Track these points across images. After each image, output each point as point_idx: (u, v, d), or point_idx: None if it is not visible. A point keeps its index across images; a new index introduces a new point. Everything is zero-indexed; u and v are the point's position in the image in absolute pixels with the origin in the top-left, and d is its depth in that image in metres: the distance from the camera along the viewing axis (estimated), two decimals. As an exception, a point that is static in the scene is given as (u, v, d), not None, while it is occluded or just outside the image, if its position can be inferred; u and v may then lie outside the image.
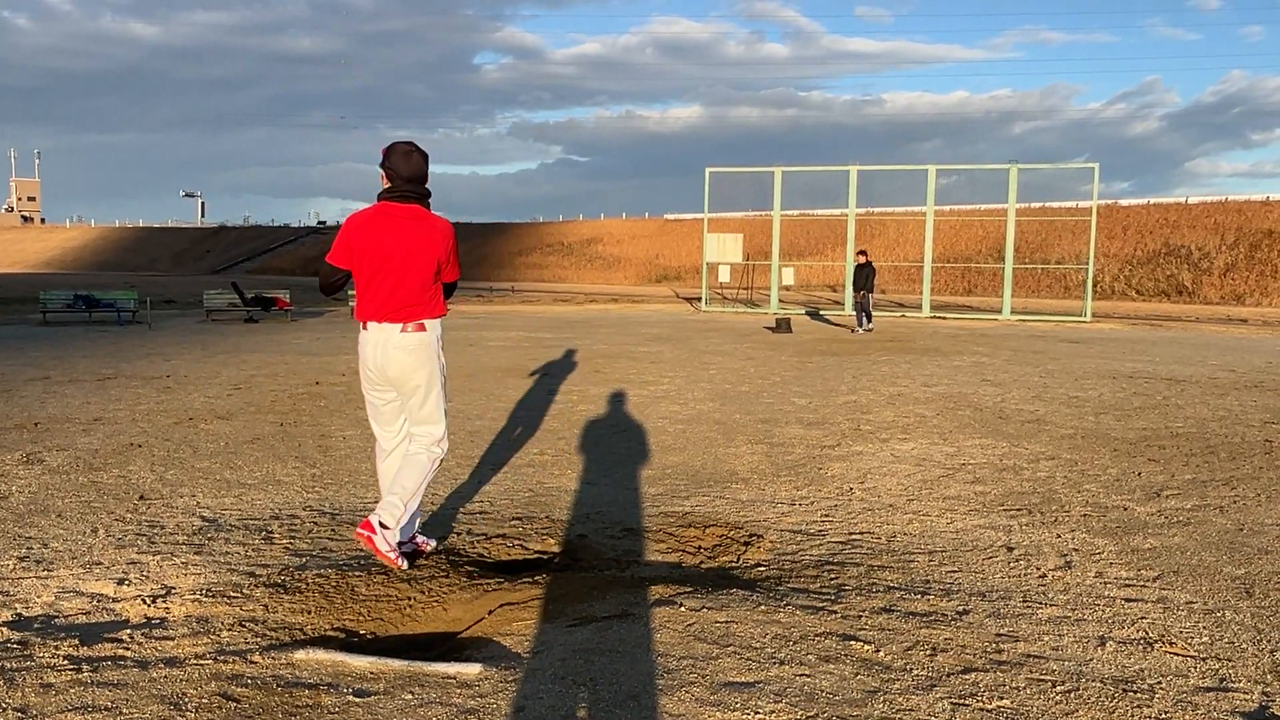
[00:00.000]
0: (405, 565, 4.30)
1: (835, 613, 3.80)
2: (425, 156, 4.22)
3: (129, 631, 3.57)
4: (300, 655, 3.37)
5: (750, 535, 5.00)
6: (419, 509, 4.50)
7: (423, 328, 4.21)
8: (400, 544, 4.40)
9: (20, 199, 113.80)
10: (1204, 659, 3.41)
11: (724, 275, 32.50)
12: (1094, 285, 31.15)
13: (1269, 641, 3.57)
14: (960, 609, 3.88)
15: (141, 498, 5.60)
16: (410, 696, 3.05)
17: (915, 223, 39.38)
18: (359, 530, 4.13)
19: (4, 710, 2.93)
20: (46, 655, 3.34)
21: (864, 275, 20.19)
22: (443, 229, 4.24)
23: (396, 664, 3.29)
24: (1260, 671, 3.31)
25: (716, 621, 3.67)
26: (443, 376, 4.36)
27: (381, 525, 4.13)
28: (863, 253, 21.08)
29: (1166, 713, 3.00)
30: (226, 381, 10.86)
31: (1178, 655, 3.44)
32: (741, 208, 36.20)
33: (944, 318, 26.20)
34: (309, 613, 3.83)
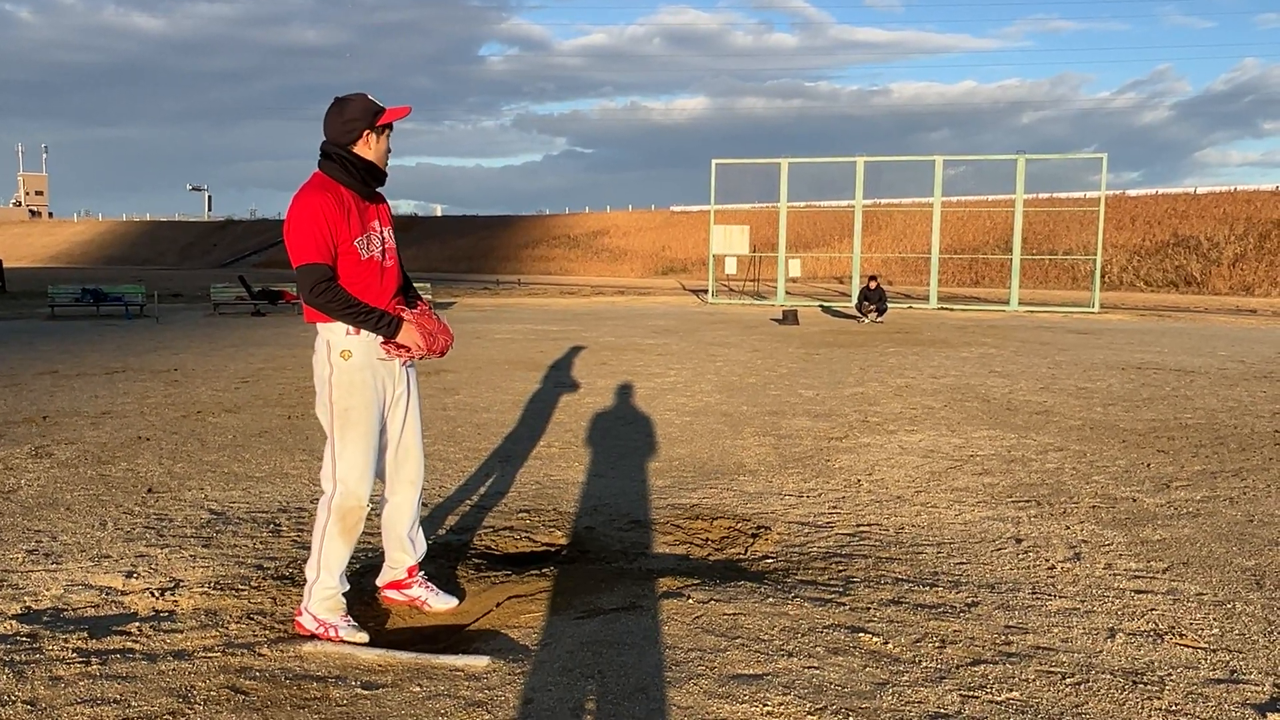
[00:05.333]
0: (342, 634, 3.44)
1: (844, 605, 3.79)
2: (334, 101, 3.47)
3: (137, 624, 3.58)
4: (308, 648, 3.37)
5: (758, 527, 4.99)
6: (337, 577, 3.51)
7: (315, 327, 3.48)
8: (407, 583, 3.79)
9: (28, 193, 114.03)
10: (1214, 651, 3.39)
11: (730, 267, 32.42)
12: (1102, 276, 31.02)
13: (1280, 633, 3.55)
14: (969, 601, 3.86)
15: (150, 491, 5.62)
16: (418, 689, 3.05)
17: (922, 214, 39.23)
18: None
19: (13, 703, 2.94)
20: (55, 648, 3.35)
21: (877, 296, 20.56)
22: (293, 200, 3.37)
23: (404, 656, 3.30)
24: (1271, 663, 3.29)
25: (724, 614, 3.67)
26: (332, 407, 3.42)
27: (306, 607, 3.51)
28: (874, 278, 21.18)
29: (1177, 704, 2.98)
30: (234, 375, 10.88)
31: (1188, 647, 3.43)
32: (748, 199, 36.08)
33: (951, 309, 26.13)
34: (317, 605, 3.82)
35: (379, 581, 3.90)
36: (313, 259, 3.28)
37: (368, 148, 3.42)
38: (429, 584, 3.86)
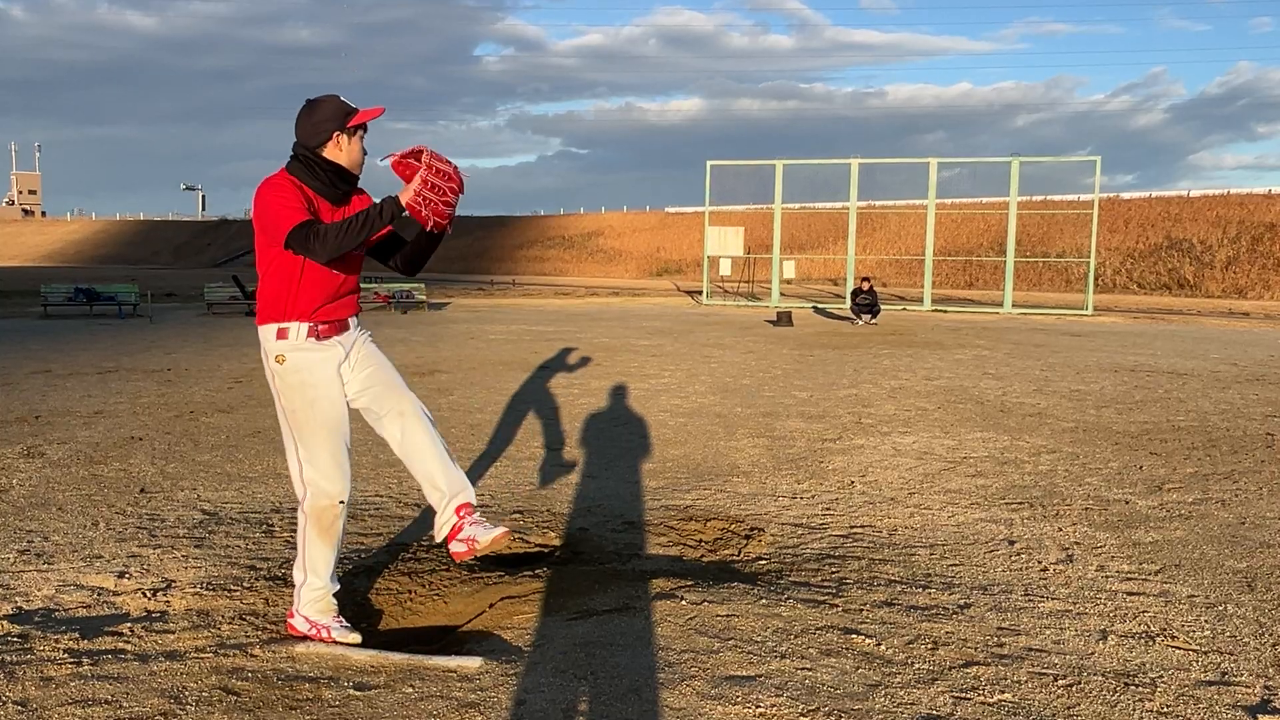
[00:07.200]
0: (334, 635, 3.41)
1: (836, 606, 3.80)
2: (305, 103, 3.37)
3: (129, 625, 3.57)
4: (301, 649, 3.36)
5: (751, 529, 4.99)
6: (325, 578, 3.47)
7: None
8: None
9: (21, 192, 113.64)
10: (1206, 653, 3.40)
11: (725, 269, 32.45)
12: (1095, 279, 31.08)
13: (1270, 635, 3.56)
14: (962, 602, 3.87)
15: (142, 491, 5.60)
16: (411, 690, 3.05)
17: (917, 216, 39.31)
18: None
19: (4, 703, 2.93)
20: (47, 649, 3.34)
21: (870, 298, 20.63)
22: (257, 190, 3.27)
23: (397, 657, 3.29)
24: (1262, 665, 3.31)
25: (717, 615, 3.67)
26: (282, 409, 3.41)
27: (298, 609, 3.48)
28: (866, 279, 21.23)
29: (1168, 706, 2.99)
30: (228, 374, 10.85)
31: (1179, 649, 3.44)
32: (742, 201, 36.12)
33: (945, 311, 26.17)
34: (309, 606, 3.82)
35: (437, 537, 3.51)
36: (298, 219, 3.12)
37: (339, 150, 3.31)
38: (481, 522, 3.44)
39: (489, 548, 3.38)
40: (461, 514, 3.43)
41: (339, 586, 3.58)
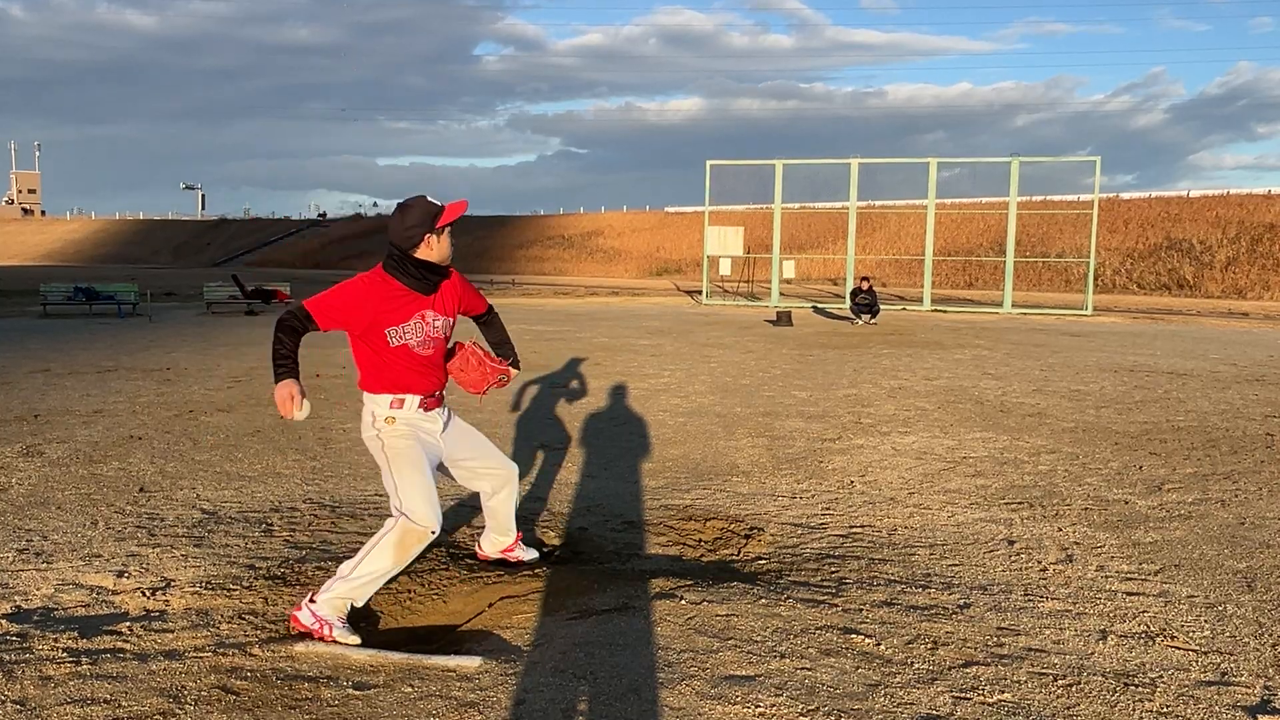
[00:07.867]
0: (335, 634, 3.48)
1: (836, 606, 3.80)
2: (397, 207, 3.72)
3: (128, 624, 3.57)
4: (300, 648, 3.36)
5: (751, 528, 4.99)
6: (359, 583, 3.59)
7: (360, 395, 3.80)
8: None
9: (20, 191, 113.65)
10: (1205, 653, 3.40)
11: (725, 268, 32.45)
12: (1095, 279, 31.07)
13: (1270, 635, 3.56)
14: (961, 602, 3.87)
15: (141, 490, 5.60)
16: (410, 689, 3.04)
17: (916, 216, 39.30)
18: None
19: (3, 702, 2.93)
20: (45, 648, 3.34)
21: (869, 298, 20.63)
22: None
23: (396, 657, 3.29)
24: (1262, 665, 3.30)
25: (717, 615, 3.67)
26: (385, 453, 3.72)
27: (310, 599, 3.59)
28: (866, 279, 21.23)
29: (1168, 706, 2.99)
30: (227, 374, 10.85)
31: (1179, 649, 3.43)
32: (742, 200, 36.13)
33: (945, 311, 26.17)
34: (309, 605, 3.81)
35: (487, 552, 4.40)
36: (312, 307, 3.54)
37: (430, 250, 3.65)
38: (521, 545, 4.45)
39: (529, 566, 4.36)
40: (513, 544, 4.39)
41: (364, 604, 3.63)
